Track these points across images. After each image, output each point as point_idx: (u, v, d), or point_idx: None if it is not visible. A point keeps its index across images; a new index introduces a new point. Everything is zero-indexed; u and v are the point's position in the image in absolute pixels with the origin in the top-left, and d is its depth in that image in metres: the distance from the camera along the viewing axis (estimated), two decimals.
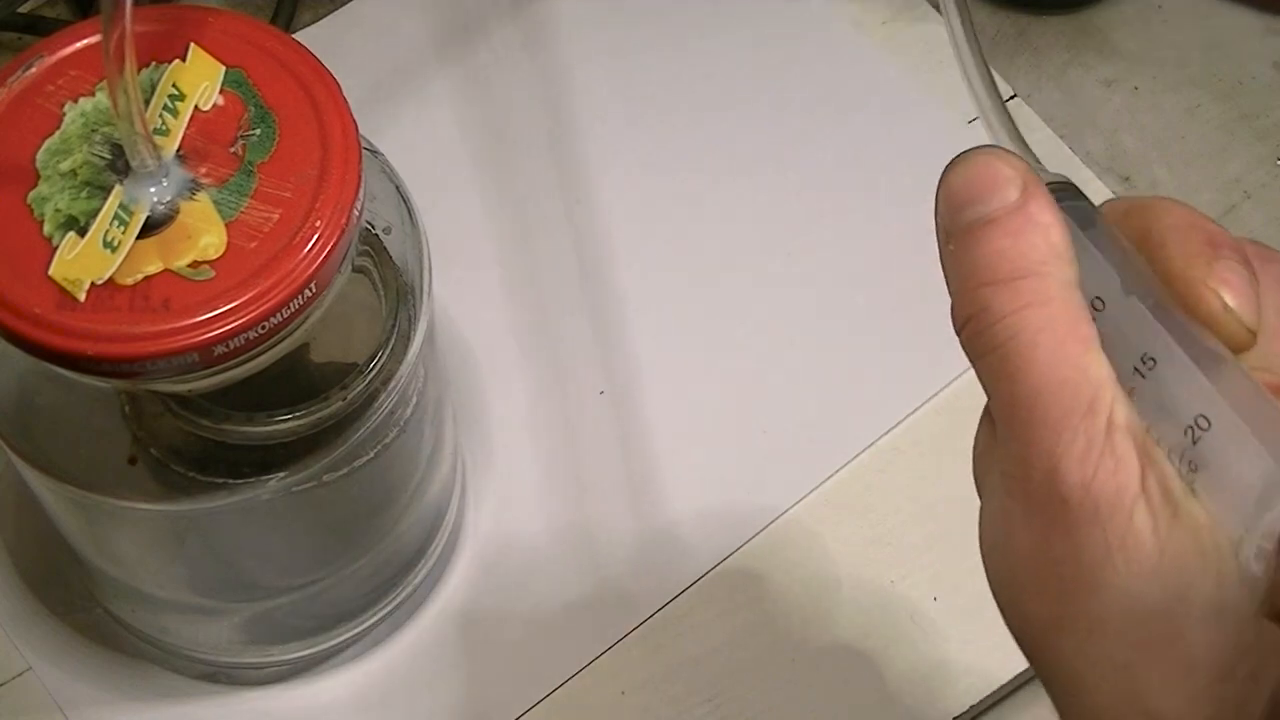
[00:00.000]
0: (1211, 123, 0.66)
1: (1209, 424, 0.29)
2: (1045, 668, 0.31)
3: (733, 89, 0.64)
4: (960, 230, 0.32)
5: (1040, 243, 0.31)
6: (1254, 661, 0.28)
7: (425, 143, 0.62)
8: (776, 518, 0.56)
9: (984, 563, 0.32)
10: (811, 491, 0.57)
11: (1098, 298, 0.31)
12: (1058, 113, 0.65)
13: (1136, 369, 0.30)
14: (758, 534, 0.56)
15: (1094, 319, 0.31)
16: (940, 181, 0.33)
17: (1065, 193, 0.33)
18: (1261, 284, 0.31)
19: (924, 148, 0.63)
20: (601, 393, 0.58)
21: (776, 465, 0.57)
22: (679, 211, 0.62)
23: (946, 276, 0.32)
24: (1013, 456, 0.31)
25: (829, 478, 0.57)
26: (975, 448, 0.33)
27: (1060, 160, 0.64)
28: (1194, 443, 0.29)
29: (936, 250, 0.33)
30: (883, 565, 0.55)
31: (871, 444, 0.57)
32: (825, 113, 0.64)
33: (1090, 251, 0.32)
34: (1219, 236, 0.32)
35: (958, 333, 0.32)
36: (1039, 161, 0.34)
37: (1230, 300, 0.31)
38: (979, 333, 0.31)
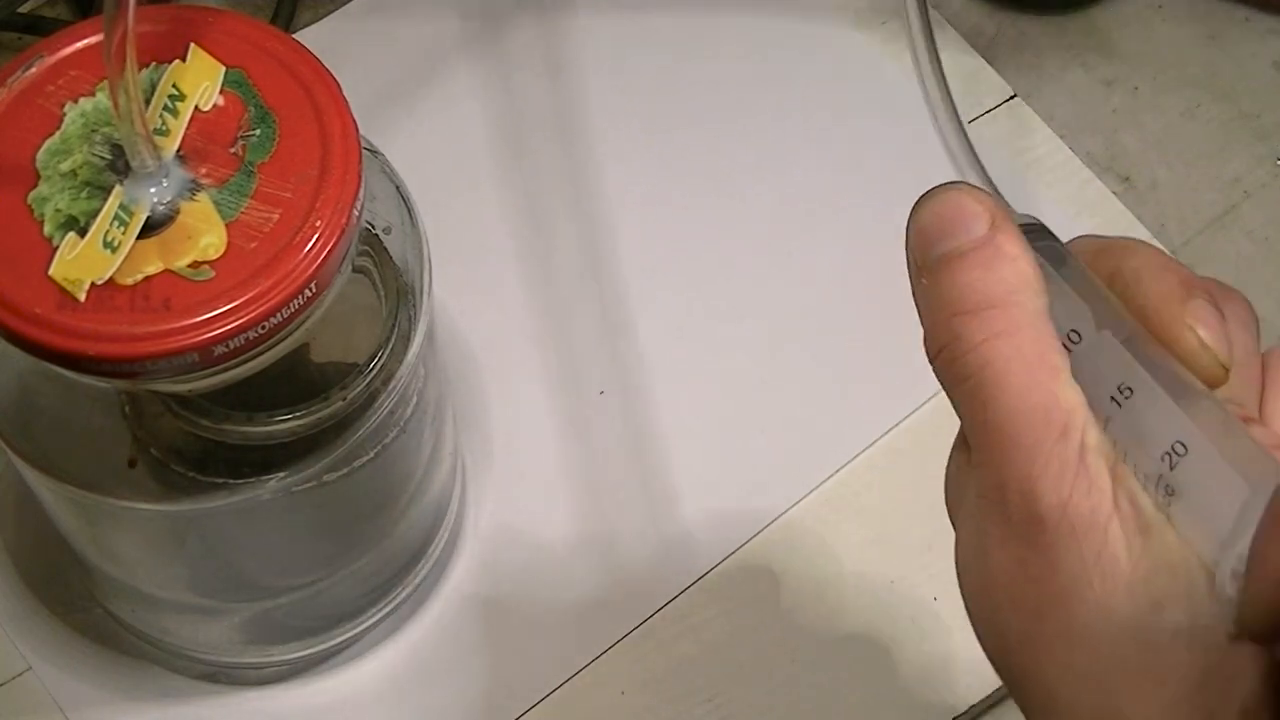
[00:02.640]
0: (1211, 123, 0.66)
1: (1186, 450, 0.30)
2: (1021, 685, 0.32)
3: (733, 90, 0.64)
4: (931, 264, 0.33)
5: (1009, 274, 0.32)
6: (1226, 676, 0.29)
7: (425, 142, 0.62)
8: (776, 518, 0.56)
9: (960, 584, 0.33)
10: (811, 491, 0.57)
11: (1074, 330, 0.32)
12: (1058, 113, 0.65)
13: (1113, 398, 0.31)
14: (758, 534, 0.56)
15: (1069, 351, 0.32)
16: (910, 218, 0.34)
17: (1035, 232, 0.34)
18: (1226, 319, 0.32)
19: (924, 148, 0.63)
20: (601, 393, 0.58)
21: (777, 465, 0.57)
22: (679, 211, 0.62)
23: (919, 310, 0.33)
24: (988, 480, 0.31)
25: (829, 478, 0.57)
26: (948, 474, 0.34)
27: (1060, 160, 0.64)
28: (1171, 468, 0.30)
29: None
30: (883, 565, 0.55)
31: (871, 444, 0.57)
32: (825, 114, 0.64)
33: (1064, 287, 0.33)
34: (1189, 276, 0.33)
35: (931, 362, 0.33)
36: (1008, 204, 0.35)
37: (1205, 337, 0.32)
38: (952, 361, 0.32)
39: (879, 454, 0.57)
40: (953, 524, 0.34)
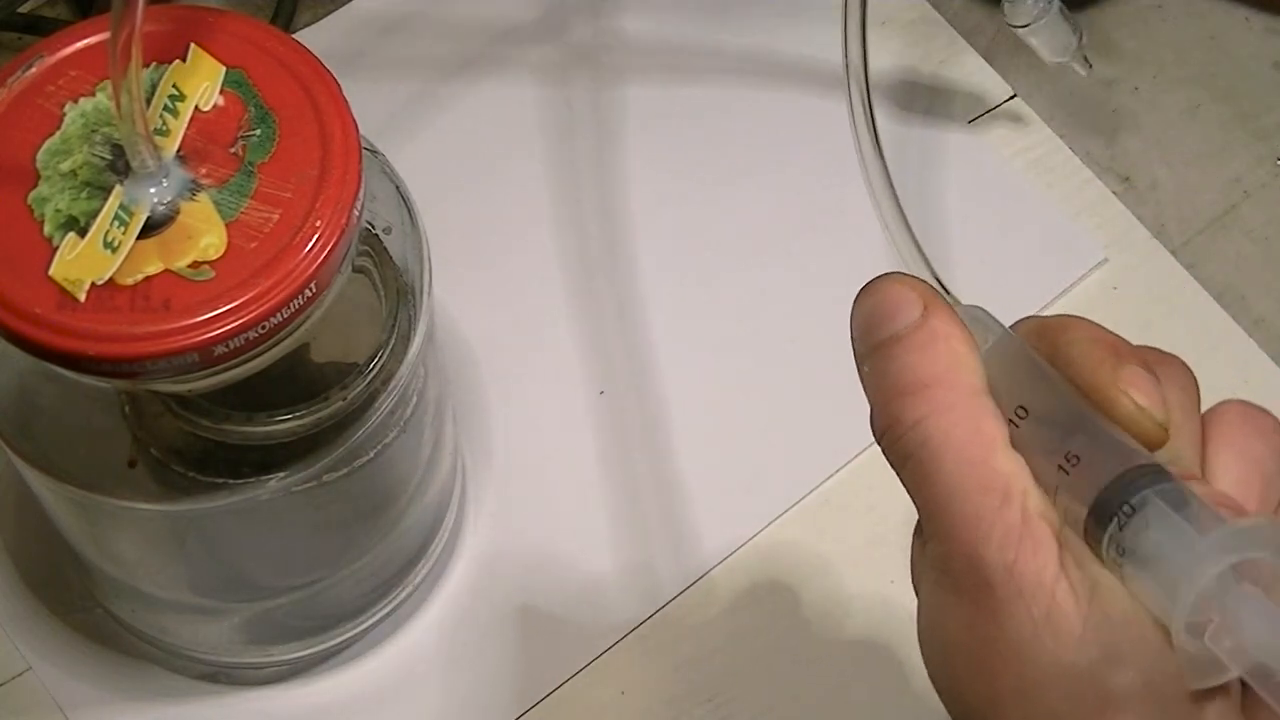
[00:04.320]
0: (1211, 123, 0.66)
1: (1134, 510, 0.31)
2: None
3: (733, 89, 0.64)
4: (871, 350, 0.34)
5: (942, 353, 0.33)
6: (1184, 712, 0.30)
7: (425, 142, 0.62)
8: (776, 517, 0.56)
9: (923, 656, 0.34)
10: (812, 491, 0.57)
11: (1020, 407, 0.33)
12: (1058, 113, 0.65)
13: (1061, 467, 0.32)
14: (758, 534, 0.56)
15: (1016, 426, 0.33)
16: (852, 308, 0.35)
17: (976, 313, 0.35)
18: (1163, 383, 0.33)
19: (925, 149, 0.63)
20: (601, 393, 0.58)
21: (777, 465, 0.57)
22: (680, 212, 0.62)
23: (867, 395, 0.35)
24: (938, 552, 0.33)
25: (829, 477, 0.57)
26: (911, 555, 0.35)
27: (1060, 160, 0.64)
28: (1120, 528, 0.31)
29: (938, 250, 0.34)
30: (883, 565, 0.55)
31: (872, 444, 0.57)
32: (825, 114, 0.64)
33: (1009, 365, 0.34)
34: (1120, 345, 0.34)
35: (878, 443, 0.34)
36: (949, 292, 0.36)
37: (1140, 400, 0.33)
38: (892, 444, 0.34)
39: (879, 454, 0.57)
40: (916, 597, 0.35)
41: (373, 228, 0.44)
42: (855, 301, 0.35)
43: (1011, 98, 0.65)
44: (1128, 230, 0.63)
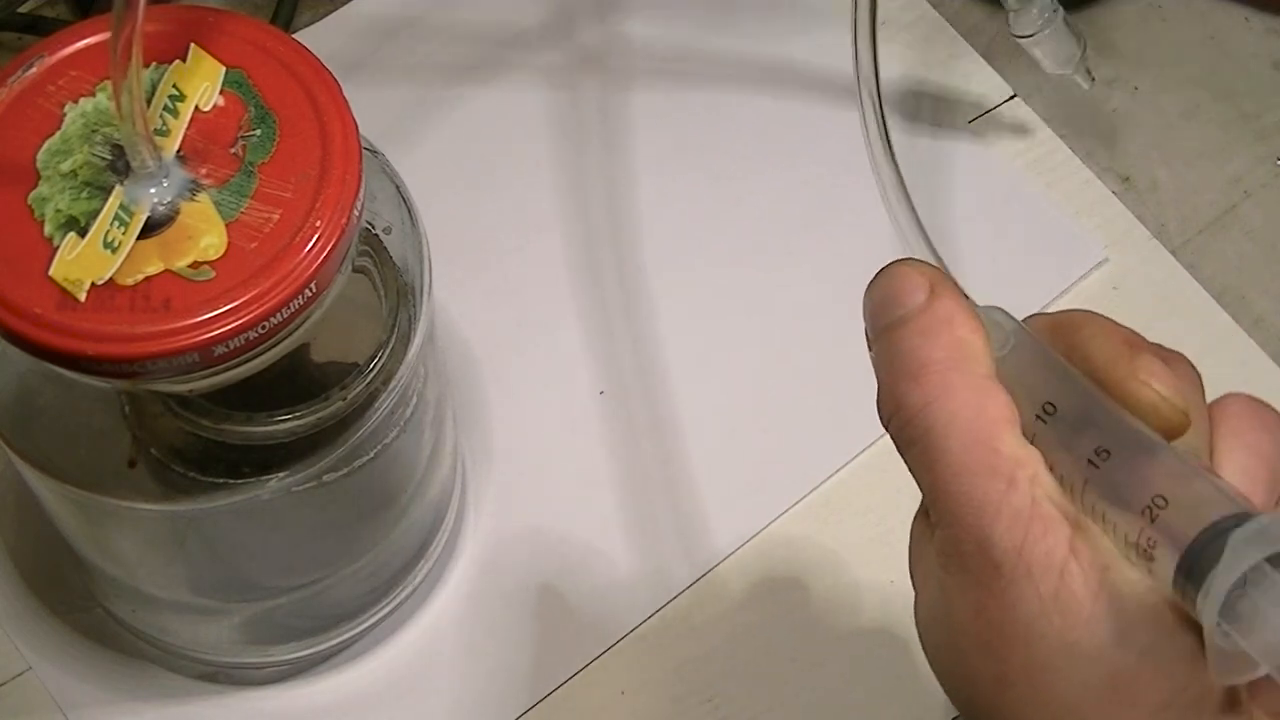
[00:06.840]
0: (1211, 123, 0.66)
1: (1166, 503, 0.31)
2: None
3: (733, 87, 0.64)
4: (879, 333, 0.35)
5: (945, 338, 0.33)
6: (1194, 695, 0.30)
7: (426, 142, 0.62)
8: (776, 517, 0.56)
9: (923, 643, 0.34)
10: (812, 491, 0.57)
11: (1048, 403, 0.33)
12: (1058, 113, 0.65)
13: (1090, 461, 0.32)
14: (758, 533, 0.56)
15: (1044, 423, 0.33)
16: (865, 292, 0.35)
17: (996, 315, 0.35)
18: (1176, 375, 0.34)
19: (925, 149, 0.63)
20: (601, 393, 0.58)
21: (777, 465, 0.57)
22: (680, 211, 0.62)
23: (876, 379, 0.35)
24: (946, 537, 0.33)
25: (829, 477, 0.57)
26: (911, 538, 0.35)
27: (1060, 160, 0.64)
28: (1152, 521, 0.31)
29: (938, 251, 0.36)
30: (883, 565, 0.55)
31: (871, 444, 0.57)
32: (823, 113, 0.64)
33: (1033, 364, 0.34)
34: (1134, 338, 0.34)
35: (885, 428, 0.34)
36: (968, 298, 0.36)
37: (1160, 389, 0.33)
38: (899, 429, 0.34)
39: (879, 454, 0.57)
40: (913, 583, 0.35)
41: (373, 228, 0.44)
42: (868, 285, 0.35)
43: (1011, 98, 0.65)
44: (1128, 230, 0.63)
